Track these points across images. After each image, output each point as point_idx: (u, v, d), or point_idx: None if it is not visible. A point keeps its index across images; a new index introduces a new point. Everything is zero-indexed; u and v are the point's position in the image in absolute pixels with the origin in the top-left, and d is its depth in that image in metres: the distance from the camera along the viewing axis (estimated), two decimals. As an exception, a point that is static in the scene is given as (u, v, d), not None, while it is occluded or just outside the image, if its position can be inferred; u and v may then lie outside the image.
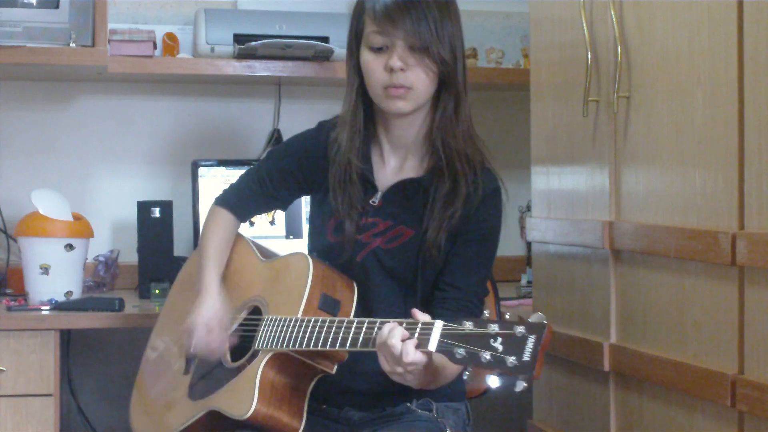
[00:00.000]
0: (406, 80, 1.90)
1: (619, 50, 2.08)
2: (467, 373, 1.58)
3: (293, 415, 1.87)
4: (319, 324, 1.81)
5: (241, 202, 2.14)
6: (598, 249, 2.17)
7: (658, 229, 1.96)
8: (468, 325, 1.57)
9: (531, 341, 1.51)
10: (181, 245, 3.00)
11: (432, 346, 1.61)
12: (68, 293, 2.69)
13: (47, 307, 2.59)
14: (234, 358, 1.98)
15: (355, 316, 1.92)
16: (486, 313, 1.66)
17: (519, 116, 3.20)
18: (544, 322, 1.53)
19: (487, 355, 1.53)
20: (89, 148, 3.13)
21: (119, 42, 2.86)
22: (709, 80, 1.84)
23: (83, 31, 2.74)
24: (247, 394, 1.84)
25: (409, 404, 2.01)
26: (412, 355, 1.63)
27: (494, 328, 1.54)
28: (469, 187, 1.96)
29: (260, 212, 2.23)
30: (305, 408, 1.89)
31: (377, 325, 1.72)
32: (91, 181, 3.14)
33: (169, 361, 2.15)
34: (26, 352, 2.49)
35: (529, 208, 2.76)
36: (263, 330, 1.90)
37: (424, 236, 1.95)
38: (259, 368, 1.85)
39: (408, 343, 1.64)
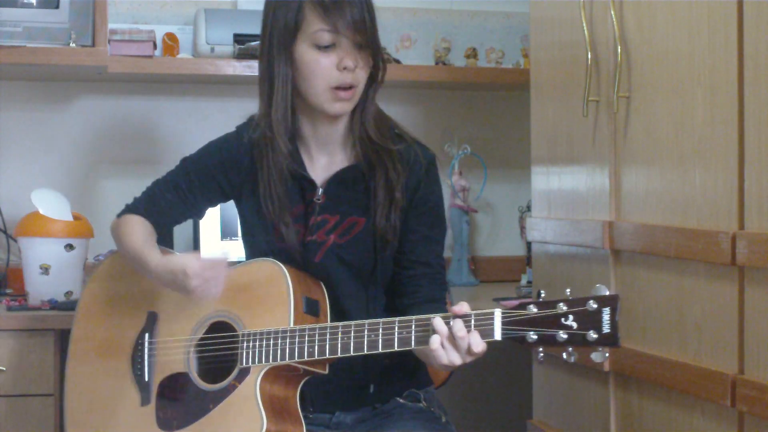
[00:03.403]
0: (355, 79, 1.87)
1: (619, 50, 2.08)
2: (541, 355, 1.63)
3: (295, 423, 1.85)
4: (328, 331, 1.78)
5: (155, 212, 2.02)
6: (598, 249, 2.17)
7: (658, 229, 1.96)
8: (532, 309, 1.63)
9: (606, 313, 1.58)
10: (180, 246, 3.00)
11: (497, 335, 1.66)
12: (68, 293, 2.69)
13: (47, 307, 2.59)
14: (207, 380, 1.89)
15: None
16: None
17: (519, 116, 3.20)
18: (614, 293, 1.60)
19: (563, 334, 1.60)
20: (89, 148, 3.13)
21: (119, 42, 2.86)
22: (709, 80, 1.84)
23: (83, 31, 2.74)
24: (251, 415, 1.79)
25: (398, 398, 2.00)
26: (483, 344, 1.66)
27: (563, 307, 1.61)
28: (409, 164, 1.94)
29: (176, 222, 2.08)
30: (300, 413, 1.87)
31: (413, 323, 1.72)
32: (91, 181, 3.14)
33: (114, 393, 1.99)
34: (26, 352, 2.49)
35: (529, 208, 2.76)
36: (247, 345, 1.83)
37: (375, 224, 1.93)
38: (256, 386, 1.80)
39: (474, 334, 1.67)
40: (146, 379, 1.94)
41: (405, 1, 3.31)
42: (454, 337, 1.67)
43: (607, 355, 1.62)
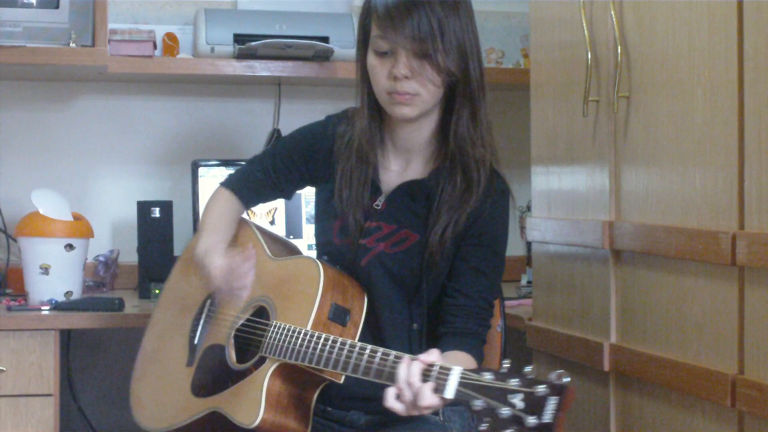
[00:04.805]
0: (410, 88, 1.85)
1: (619, 50, 2.08)
2: (484, 426, 1.51)
3: (300, 422, 1.85)
4: (329, 343, 1.77)
5: (246, 188, 2.12)
6: (598, 249, 2.17)
7: (658, 229, 1.96)
8: (487, 376, 1.53)
9: (552, 402, 1.47)
10: (181, 245, 3.00)
11: (449, 393, 1.57)
12: (68, 293, 2.69)
13: (47, 307, 2.59)
14: (238, 359, 1.94)
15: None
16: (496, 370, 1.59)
17: (519, 116, 3.20)
18: (566, 381, 1.49)
19: (506, 411, 1.49)
20: (89, 148, 3.13)
21: (119, 42, 2.87)
22: (709, 80, 1.84)
23: (83, 31, 2.74)
24: (254, 403, 1.81)
25: None
26: (429, 399, 1.59)
27: (515, 383, 1.50)
28: (479, 191, 1.91)
29: (264, 201, 2.18)
30: (311, 414, 1.87)
31: (392, 357, 1.68)
32: (91, 181, 3.14)
33: (171, 348, 2.09)
34: (26, 352, 2.49)
35: (529, 208, 2.76)
36: (270, 336, 1.86)
37: (428, 240, 1.91)
38: (266, 377, 1.82)
39: (426, 386, 1.60)
40: (196, 342, 2.02)
41: (405, 1, 3.31)
42: (408, 382, 1.62)
43: None
